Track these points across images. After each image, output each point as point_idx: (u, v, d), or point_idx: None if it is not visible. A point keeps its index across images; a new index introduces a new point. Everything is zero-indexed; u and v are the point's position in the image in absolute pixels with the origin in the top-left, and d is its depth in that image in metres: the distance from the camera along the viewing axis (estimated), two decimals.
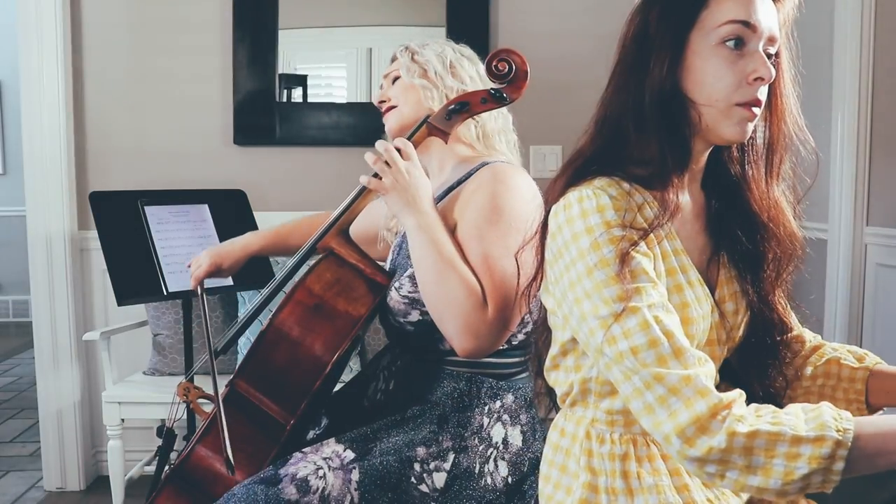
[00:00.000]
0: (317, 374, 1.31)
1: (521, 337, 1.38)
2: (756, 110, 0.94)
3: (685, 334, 0.92)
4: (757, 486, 0.80)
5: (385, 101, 1.54)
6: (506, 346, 1.36)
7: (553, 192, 0.99)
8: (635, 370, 0.85)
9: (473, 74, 1.49)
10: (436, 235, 1.29)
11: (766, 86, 0.95)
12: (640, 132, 0.96)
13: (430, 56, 1.50)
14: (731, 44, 0.93)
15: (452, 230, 1.34)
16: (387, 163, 1.32)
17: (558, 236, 0.93)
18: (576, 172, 0.97)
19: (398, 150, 1.34)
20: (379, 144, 1.35)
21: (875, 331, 2.47)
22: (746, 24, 0.93)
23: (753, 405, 0.85)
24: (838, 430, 0.78)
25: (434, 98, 1.46)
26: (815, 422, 0.80)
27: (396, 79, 1.52)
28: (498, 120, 1.50)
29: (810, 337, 1.14)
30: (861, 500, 1.06)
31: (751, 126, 0.96)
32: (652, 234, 0.92)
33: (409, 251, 1.32)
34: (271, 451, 1.31)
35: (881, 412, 1.05)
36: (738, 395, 0.85)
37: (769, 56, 0.96)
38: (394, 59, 1.57)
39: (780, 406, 0.86)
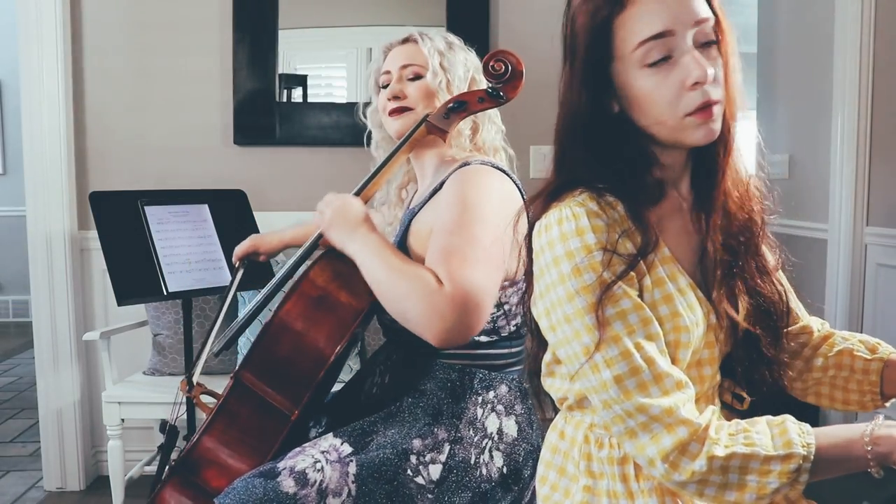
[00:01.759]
0: (320, 365, 1.32)
1: (511, 328, 1.38)
2: (714, 109, 0.91)
3: (678, 343, 0.92)
4: (733, 501, 0.85)
5: (400, 98, 1.47)
6: (496, 338, 1.36)
7: (535, 209, 0.97)
8: (618, 400, 0.87)
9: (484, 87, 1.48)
10: (376, 251, 1.29)
11: (717, 77, 0.90)
12: (594, 157, 0.94)
13: (458, 65, 1.47)
14: (653, 60, 0.89)
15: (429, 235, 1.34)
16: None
17: (541, 257, 0.93)
18: (551, 195, 0.96)
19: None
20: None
21: (875, 331, 2.47)
22: (661, 34, 0.88)
23: (724, 423, 0.89)
24: (803, 446, 0.83)
25: None
26: (782, 439, 0.85)
27: (418, 76, 1.47)
28: (485, 121, 1.50)
29: (818, 326, 1.13)
30: (861, 500, 1.06)
31: (716, 124, 0.92)
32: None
33: (361, 272, 1.31)
34: (276, 442, 1.33)
35: (893, 401, 1.06)
36: (711, 414, 0.89)
37: (709, 41, 0.91)
38: (406, 41, 1.50)
39: (784, 399, 0.87)
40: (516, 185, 1.39)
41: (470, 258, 1.21)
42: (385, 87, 1.50)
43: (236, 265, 1.81)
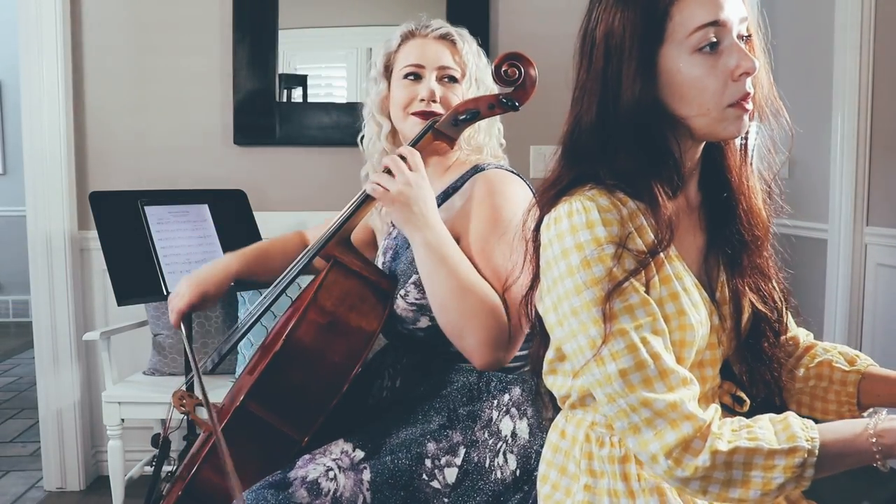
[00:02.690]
0: (334, 394, 1.29)
1: (526, 330, 1.37)
2: (748, 104, 0.92)
3: (683, 342, 0.92)
4: (738, 497, 0.85)
5: (436, 103, 1.42)
6: None
7: (544, 204, 0.97)
8: (622, 394, 0.87)
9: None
10: (447, 251, 1.27)
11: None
12: (620, 149, 0.94)
13: (485, 74, 1.45)
14: (706, 49, 0.90)
15: (457, 242, 1.34)
16: (391, 172, 1.29)
17: (549, 249, 0.93)
18: (561, 190, 0.95)
19: (403, 158, 1.30)
20: (386, 158, 1.32)
21: (875, 331, 2.47)
22: (716, 22, 0.89)
23: (727, 419, 0.89)
24: (807, 440, 0.83)
25: None
26: (786, 433, 0.84)
27: (453, 80, 1.44)
28: (491, 125, 1.49)
29: (804, 337, 1.14)
30: (860, 500, 1.06)
31: (747, 118, 0.94)
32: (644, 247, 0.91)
33: (418, 267, 1.30)
34: (283, 464, 1.28)
35: (871, 410, 1.07)
36: (714, 411, 0.88)
37: (745, 37, 0.93)
38: (443, 38, 1.45)
39: (780, 403, 0.87)
40: (529, 186, 1.40)
41: (520, 289, 1.22)
42: (409, 77, 1.45)
43: (181, 326, 1.50)
